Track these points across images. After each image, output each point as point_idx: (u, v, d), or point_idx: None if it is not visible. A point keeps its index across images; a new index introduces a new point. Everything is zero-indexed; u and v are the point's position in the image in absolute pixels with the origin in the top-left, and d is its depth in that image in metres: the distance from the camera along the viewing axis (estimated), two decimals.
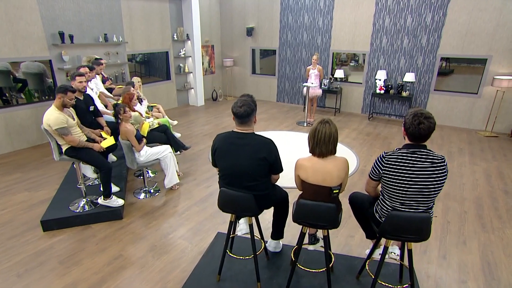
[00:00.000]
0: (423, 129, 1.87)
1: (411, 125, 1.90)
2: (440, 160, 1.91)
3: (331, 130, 2.00)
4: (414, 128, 1.88)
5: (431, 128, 1.88)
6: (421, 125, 1.87)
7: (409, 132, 1.93)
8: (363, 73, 7.86)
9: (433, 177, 1.90)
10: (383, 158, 2.01)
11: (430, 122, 1.88)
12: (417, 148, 1.94)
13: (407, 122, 1.93)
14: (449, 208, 3.88)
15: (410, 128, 1.91)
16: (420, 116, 1.88)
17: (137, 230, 3.47)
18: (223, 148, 2.21)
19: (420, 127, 1.87)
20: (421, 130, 1.87)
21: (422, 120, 1.87)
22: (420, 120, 1.87)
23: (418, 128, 1.87)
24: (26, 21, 5.36)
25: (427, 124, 1.87)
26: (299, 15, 8.27)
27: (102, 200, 3.56)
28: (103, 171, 3.38)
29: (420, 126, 1.87)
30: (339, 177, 2.05)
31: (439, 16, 6.61)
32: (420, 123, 1.87)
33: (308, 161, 2.09)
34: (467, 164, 5.18)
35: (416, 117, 1.88)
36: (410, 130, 1.92)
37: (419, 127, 1.87)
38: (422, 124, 1.87)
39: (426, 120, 1.87)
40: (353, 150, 5.71)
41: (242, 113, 2.12)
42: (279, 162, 2.26)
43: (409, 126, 1.91)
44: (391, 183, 1.98)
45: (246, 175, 2.17)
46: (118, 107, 3.79)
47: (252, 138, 2.19)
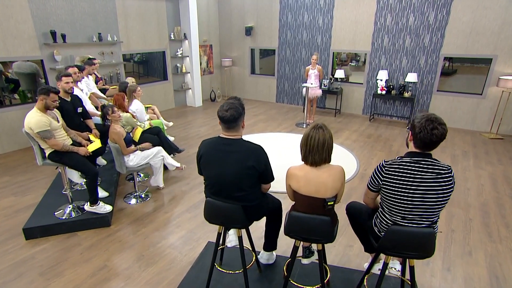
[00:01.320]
0: (437, 135, 1.68)
1: (423, 129, 1.70)
2: (447, 170, 1.73)
3: (325, 136, 1.82)
4: (426, 133, 1.69)
5: (443, 135, 1.70)
6: (435, 131, 1.68)
7: (419, 137, 1.73)
8: (364, 73, 7.67)
9: (438, 189, 1.72)
10: (383, 167, 1.83)
11: (443, 128, 1.70)
12: (422, 157, 1.76)
13: (418, 126, 1.73)
14: (453, 216, 3.69)
15: (421, 132, 1.71)
16: (434, 121, 1.69)
17: (124, 238, 3.31)
18: (208, 155, 2.04)
19: (433, 133, 1.68)
20: (433, 137, 1.68)
21: (436, 125, 1.68)
22: (434, 125, 1.68)
23: (431, 134, 1.68)
24: (16, 19, 5.21)
25: (441, 131, 1.68)
26: (299, 14, 8.09)
27: (89, 207, 3.39)
28: (89, 176, 3.22)
29: (434, 132, 1.68)
30: (334, 188, 1.88)
31: (442, 14, 6.42)
32: (434, 128, 1.68)
33: (300, 170, 1.91)
34: (471, 168, 4.99)
35: (430, 122, 1.69)
36: (420, 136, 1.72)
37: (433, 132, 1.68)
38: (436, 129, 1.68)
39: (440, 126, 1.69)
40: (353, 153, 5.52)
41: (228, 117, 1.95)
42: (270, 171, 2.09)
43: (420, 130, 1.71)
44: (392, 195, 1.80)
45: (233, 185, 2.00)
46: (105, 108, 3.64)
47: (240, 144, 2.02)
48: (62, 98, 3.58)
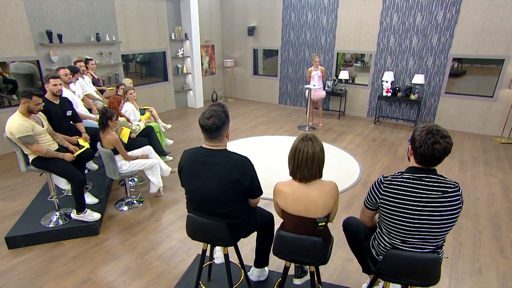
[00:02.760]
0: (438, 150, 1.48)
1: (423, 143, 1.50)
2: (454, 188, 1.53)
3: (314, 149, 1.63)
4: (427, 148, 1.49)
5: (447, 150, 1.49)
6: (436, 145, 1.48)
7: (419, 152, 1.53)
8: (369, 75, 7.43)
9: (444, 210, 1.51)
10: (381, 184, 1.63)
11: (447, 142, 1.49)
12: (425, 173, 1.55)
13: (418, 140, 1.53)
14: (461, 228, 3.46)
15: (421, 147, 1.51)
16: (436, 134, 1.49)
17: (112, 248, 3.15)
18: (189, 167, 1.87)
19: (434, 148, 1.48)
20: (435, 152, 1.48)
21: (438, 139, 1.48)
22: (436, 139, 1.48)
23: (432, 149, 1.48)
24: (12, 19, 5.11)
25: (444, 145, 1.48)
26: (302, 14, 7.88)
27: (75, 215, 3.25)
28: (75, 183, 3.07)
29: (435, 146, 1.48)
30: (325, 207, 1.68)
31: (451, 13, 6.15)
32: (435, 143, 1.48)
33: (288, 186, 1.72)
34: (481, 175, 4.73)
35: (431, 135, 1.49)
36: (421, 150, 1.52)
37: (434, 147, 1.48)
38: (437, 144, 1.47)
39: (443, 139, 1.48)
40: (356, 157, 5.30)
41: (210, 126, 1.77)
42: (257, 185, 1.90)
43: (420, 144, 1.51)
44: (390, 216, 1.60)
45: (216, 201, 1.82)
46: (109, 112, 3.42)
47: (223, 156, 1.83)
48: (50, 101, 3.46)
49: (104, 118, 3.33)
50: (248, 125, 7.10)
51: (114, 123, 3.43)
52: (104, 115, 3.34)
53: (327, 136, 6.38)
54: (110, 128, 3.42)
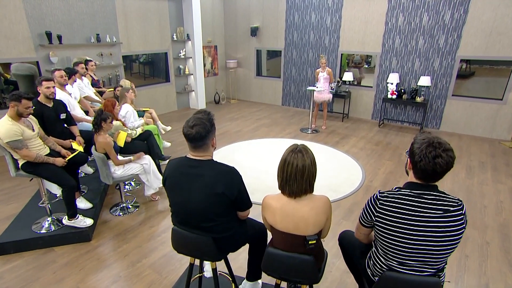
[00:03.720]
0: (440, 165, 1.34)
1: (423, 157, 1.37)
2: (457, 206, 1.40)
3: (304, 162, 1.51)
4: (428, 162, 1.36)
5: (450, 164, 1.36)
6: (438, 160, 1.34)
7: (419, 167, 1.40)
8: (373, 76, 7.26)
9: (446, 230, 1.38)
10: (377, 200, 1.50)
11: (449, 156, 1.35)
12: (425, 189, 1.42)
13: (417, 153, 1.39)
14: (468, 238, 3.30)
15: (421, 161, 1.37)
16: (437, 147, 1.35)
17: (103, 255, 3.07)
18: (173, 178, 1.76)
19: (436, 162, 1.34)
20: (437, 166, 1.35)
21: (440, 152, 1.34)
22: (438, 153, 1.34)
23: (434, 164, 1.35)
24: (11, 20, 5.08)
25: (446, 159, 1.34)
26: (306, 14, 7.74)
27: (67, 221, 3.17)
28: (66, 189, 2.99)
29: (437, 160, 1.34)
30: (316, 224, 1.56)
31: (459, 13, 5.96)
32: (436, 157, 1.34)
33: (276, 200, 1.61)
34: (489, 181, 4.55)
35: (432, 148, 1.35)
36: (421, 165, 1.38)
37: (435, 161, 1.34)
38: (439, 158, 1.34)
39: (445, 153, 1.34)
40: (359, 162, 5.15)
41: (193, 135, 1.66)
42: (245, 197, 1.79)
43: (421, 158, 1.37)
44: (387, 236, 1.48)
45: (200, 214, 1.71)
46: (104, 114, 3.34)
47: (208, 167, 1.72)
48: (43, 104, 3.39)
49: (99, 119, 3.26)
50: (250, 127, 6.99)
51: (108, 125, 3.35)
52: (99, 116, 3.26)
53: (329, 139, 6.24)
54: (103, 131, 3.34)
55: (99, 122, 3.25)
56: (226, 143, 6.00)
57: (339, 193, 4.21)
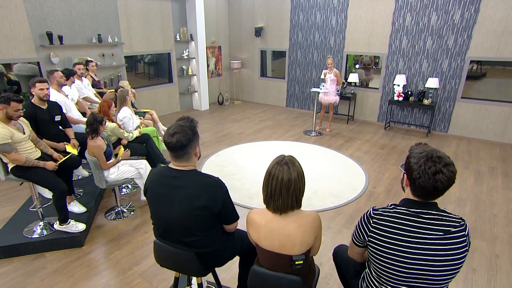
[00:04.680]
0: (442, 181, 1.20)
1: (422, 173, 1.22)
2: (459, 226, 1.26)
3: (290, 175, 1.39)
4: (427, 179, 1.21)
5: (451, 181, 1.22)
6: (439, 176, 1.20)
7: (417, 184, 1.25)
8: (380, 77, 7.07)
9: (446, 254, 1.24)
10: (370, 218, 1.37)
11: (451, 171, 1.21)
12: (424, 207, 1.28)
13: (415, 169, 1.25)
14: (475, 250, 3.13)
15: (420, 178, 1.23)
16: (437, 162, 1.21)
17: (94, 262, 2.98)
18: (153, 189, 1.65)
19: (436, 179, 1.20)
20: (437, 183, 1.21)
21: (441, 167, 1.20)
22: (438, 168, 1.20)
23: (434, 180, 1.21)
24: (11, 20, 5.05)
25: (448, 175, 1.20)
26: (311, 14, 7.59)
27: (58, 226, 3.10)
28: (56, 194, 2.92)
29: (437, 177, 1.20)
30: (304, 243, 1.43)
31: (470, 13, 5.74)
32: (437, 172, 1.20)
33: (261, 216, 1.48)
34: (499, 188, 4.34)
35: (431, 163, 1.21)
36: (420, 182, 1.24)
37: (436, 178, 1.20)
38: (440, 174, 1.20)
39: (446, 168, 1.21)
40: (363, 166, 4.99)
41: (174, 143, 1.55)
42: (230, 210, 1.67)
43: (419, 175, 1.23)
44: (380, 259, 1.34)
45: (181, 229, 1.60)
46: (99, 117, 3.26)
47: (190, 178, 1.61)
48: (36, 106, 3.33)
49: (96, 124, 3.17)
50: (252, 129, 6.88)
51: (104, 127, 3.27)
52: (95, 121, 3.18)
53: (333, 142, 6.08)
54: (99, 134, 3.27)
55: (97, 127, 3.17)
56: (228, 145, 5.89)
57: (340, 199, 4.06)
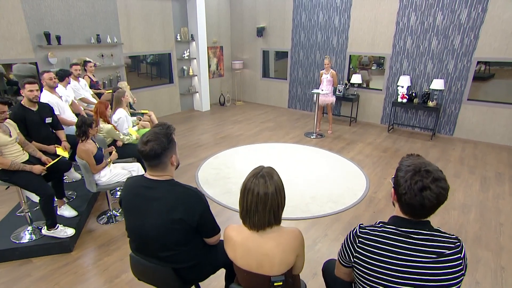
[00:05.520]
0: (429, 199, 1.08)
1: (408, 189, 1.10)
2: (454, 248, 1.13)
3: (267, 189, 1.27)
4: (413, 195, 1.09)
5: (441, 198, 1.09)
6: (426, 193, 1.07)
7: (404, 200, 1.13)
8: (383, 78, 6.90)
9: (439, 279, 1.11)
10: (356, 237, 1.24)
11: (440, 187, 1.08)
12: (414, 227, 1.16)
13: (402, 183, 1.12)
14: (479, 261, 2.97)
15: (406, 194, 1.10)
16: (424, 176, 1.08)
17: (82, 269, 2.90)
18: (127, 200, 1.55)
19: (423, 196, 1.07)
20: (424, 201, 1.08)
21: (428, 183, 1.07)
22: (425, 184, 1.07)
23: (421, 197, 1.08)
24: (8, 20, 5.02)
25: (436, 191, 1.07)
26: (313, 14, 7.46)
27: (46, 231, 3.02)
28: (43, 198, 2.84)
29: (424, 194, 1.07)
30: (283, 263, 1.32)
31: (477, 12, 5.56)
32: (424, 189, 1.07)
33: (238, 233, 1.37)
34: (506, 195, 4.16)
35: (418, 177, 1.09)
36: (406, 198, 1.11)
37: (422, 195, 1.08)
38: (427, 190, 1.07)
39: (434, 184, 1.08)
40: (364, 170, 4.85)
41: (147, 152, 1.44)
42: (209, 223, 1.56)
43: (405, 190, 1.11)
44: (367, 282, 1.21)
45: (156, 243, 1.49)
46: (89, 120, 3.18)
47: (166, 189, 1.50)
48: (26, 108, 3.27)
49: (85, 127, 3.09)
50: (252, 131, 6.77)
51: (93, 130, 3.19)
52: (84, 124, 3.09)
53: (334, 145, 5.94)
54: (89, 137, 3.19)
55: (86, 131, 3.09)
56: (226, 147, 5.79)
57: (339, 204, 3.93)
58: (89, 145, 3.23)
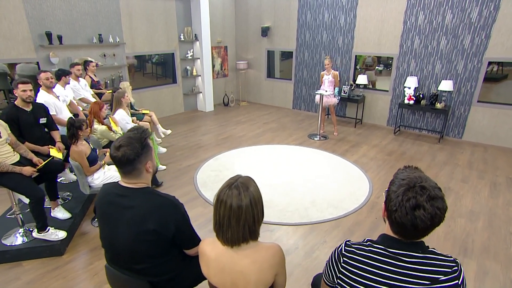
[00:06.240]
0: (422, 219, 0.94)
1: (399, 206, 0.97)
2: (450, 273, 1.00)
3: (240, 202, 1.15)
4: (404, 213, 0.96)
5: (436, 219, 0.95)
6: (419, 212, 0.94)
7: (394, 218, 1.00)
8: (390, 79, 6.72)
9: None
10: (341, 255, 1.12)
11: (436, 208, 0.95)
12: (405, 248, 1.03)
13: (393, 199, 0.99)
14: (487, 273, 2.80)
15: (397, 211, 0.97)
16: (419, 193, 0.95)
17: (72, 273, 2.83)
18: (101, 208, 1.46)
19: (416, 216, 0.94)
20: (416, 221, 0.95)
21: (422, 201, 0.94)
22: (419, 202, 0.94)
23: (413, 217, 0.95)
24: (10, 20, 5.02)
25: (431, 212, 0.94)
26: (319, 13, 7.31)
27: (37, 234, 2.97)
28: (32, 201, 2.78)
29: (417, 213, 0.94)
30: (260, 282, 1.20)
31: (489, 10, 5.34)
32: (417, 207, 0.94)
33: (212, 247, 1.26)
34: None
35: (412, 194, 0.96)
36: (396, 216, 0.98)
37: (415, 214, 0.94)
38: (420, 209, 0.94)
39: (429, 203, 0.94)
40: (367, 174, 4.69)
41: (119, 158, 1.35)
42: (187, 234, 1.46)
43: (396, 207, 0.97)
44: None
45: (128, 255, 1.40)
46: (78, 122, 3.14)
47: (140, 198, 1.40)
48: (19, 108, 3.22)
49: (73, 128, 3.03)
50: (255, 132, 6.66)
51: (85, 132, 3.13)
52: (73, 126, 3.03)
53: (338, 147, 5.79)
54: (80, 139, 3.13)
55: (75, 133, 3.03)
56: (227, 148, 5.69)
57: (340, 209, 3.79)
58: (82, 146, 3.17)
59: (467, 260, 2.94)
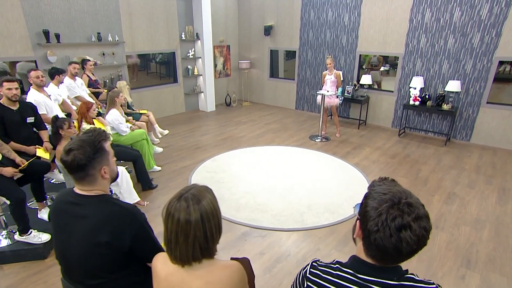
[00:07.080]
0: (408, 242, 0.80)
1: (381, 226, 0.81)
2: None
3: (189, 216, 1.01)
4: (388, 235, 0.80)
5: (421, 243, 0.81)
6: (405, 233, 0.80)
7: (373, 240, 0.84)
8: (395, 79, 6.50)
9: None
10: (305, 279, 0.97)
11: (423, 228, 0.80)
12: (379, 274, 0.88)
13: (372, 217, 0.84)
14: (491, 287, 2.60)
15: (378, 232, 0.82)
16: (406, 211, 0.80)
17: (53, 278, 2.74)
18: (54, 216, 1.34)
19: (401, 237, 0.80)
20: (401, 244, 0.80)
21: (409, 221, 0.80)
22: (406, 221, 0.80)
23: (398, 239, 0.80)
24: (7, 18, 4.98)
25: (418, 233, 0.80)
26: (322, 11, 7.13)
27: (18, 236, 2.88)
28: (12, 202, 2.69)
29: (403, 234, 0.80)
30: None
31: (500, 7, 5.09)
32: (403, 227, 0.79)
33: (163, 265, 1.12)
34: None
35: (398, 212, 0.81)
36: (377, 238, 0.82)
37: (400, 236, 0.80)
38: (407, 230, 0.80)
39: (417, 222, 0.80)
40: (368, 177, 4.50)
41: (69, 163, 1.22)
42: (147, 246, 1.32)
43: (378, 228, 0.82)
44: None
45: (81, 269, 1.27)
46: (59, 122, 3.07)
47: (95, 206, 1.27)
48: (5, 107, 3.15)
49: (55, 127, 2.95)
50: (255, 133, 6.51)
51: (67, 131, 3.04)
52: (54, 125, 2.96)
53: (339, 149, 5.60)
54: (64, 139, 3.04)
55: (56, 132, 2.95)
56: (226, 149, 5.56)
57: (337, 215, 3.62)
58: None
59: (470, 273, 2.75)
